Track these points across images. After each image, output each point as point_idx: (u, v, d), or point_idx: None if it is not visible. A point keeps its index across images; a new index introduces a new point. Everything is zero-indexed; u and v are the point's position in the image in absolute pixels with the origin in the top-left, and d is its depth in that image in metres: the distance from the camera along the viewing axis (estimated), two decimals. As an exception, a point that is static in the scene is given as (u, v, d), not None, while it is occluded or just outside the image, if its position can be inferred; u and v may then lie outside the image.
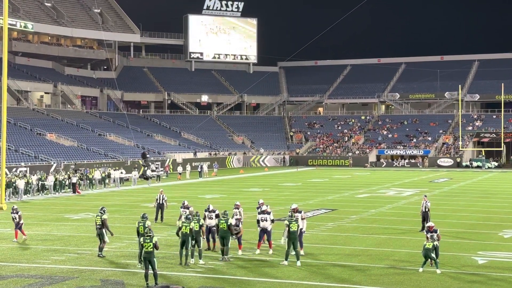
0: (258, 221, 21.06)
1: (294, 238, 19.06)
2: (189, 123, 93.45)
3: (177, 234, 19.62)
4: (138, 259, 18.28)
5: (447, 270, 18.18)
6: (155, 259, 16.83)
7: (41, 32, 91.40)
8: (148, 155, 65.13)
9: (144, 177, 47.43)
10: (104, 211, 20.48)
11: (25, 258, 20.49)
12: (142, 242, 16.98)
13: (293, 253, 19.26)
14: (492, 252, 21.27)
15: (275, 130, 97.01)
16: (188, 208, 23.38)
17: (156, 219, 28.44)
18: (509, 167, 77.92)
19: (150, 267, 16.64)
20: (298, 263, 18.98)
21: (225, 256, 19.75)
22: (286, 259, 19.16)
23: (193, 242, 19.36)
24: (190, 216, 19.93)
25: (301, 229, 20.29)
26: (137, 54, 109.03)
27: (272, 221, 21.19)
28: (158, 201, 28.65)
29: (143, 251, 16.92)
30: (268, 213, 21.01)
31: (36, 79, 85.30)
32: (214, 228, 21.39)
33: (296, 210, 20.71)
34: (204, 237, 20.90)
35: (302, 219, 20.80)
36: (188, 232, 19.12)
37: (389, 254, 20.93)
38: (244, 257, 20.05)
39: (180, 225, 19.43)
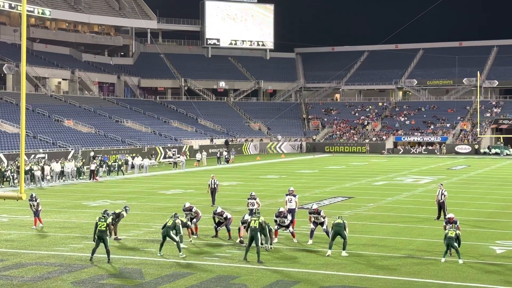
0: (275, 221, 21.05)
1: (339, 230, 18.85)
2: (205, 110, 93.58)
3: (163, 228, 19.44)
4: (93, 238, 18.63)
5: (465, 259, 18.08)
6: (107, 237, 18.21)
7: (58, 18, 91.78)
8: (230, 142, 76.51)
9: (226, 160, 61.81)
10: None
11: (44, 246, 20.67)
12: (97, 221, 18.36)
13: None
14: (510, 241, 21.12)
15: (292, 116, 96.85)
16: (190, 209, 22.36)
17: (213, 202, 29.67)
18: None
19: (103, 244, 18.14)
20: (343, 253, 18.80)
21: (267, 245, 19.61)
22: (330, 248, 18.95)
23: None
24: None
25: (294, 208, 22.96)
26: (154, 40, 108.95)
27: (291, 221, 21.18)
28: (210, 186, 30.03)
29: (97, 229, 18.27)
30: (285, 216, 20.94)
31: (53, 65, 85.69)
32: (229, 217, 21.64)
33: (316, 211, 20.74)
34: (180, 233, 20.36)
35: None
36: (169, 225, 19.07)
37: (407, 243, 20.86)
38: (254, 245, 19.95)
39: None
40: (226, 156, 63.14)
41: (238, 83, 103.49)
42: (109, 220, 18.68)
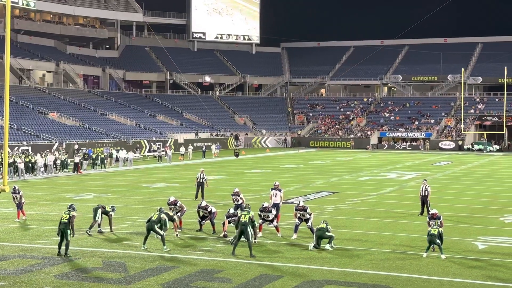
0: (260, 215, 21.06)
1: (321, 234, 19.08)
2: (191, 103, 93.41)
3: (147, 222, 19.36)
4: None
5: (448, 254, 18.22)
6: (68, 231, 17.94)
7: (43, 10, 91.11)
8: (240, 137, 79.41)
9: (236, 154, 62.78)
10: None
11: (27, 239, 20.57)
12: (62, 214, 18.45)
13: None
14: (492, 237, 21.31)
15: (277, 111, 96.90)
16: (175, 204, 22.31)
17: (196, 196, 29.58)
18: (511, 150, 77.86)
19: (64, 237, 17.99)
20: (327, 246, 18.97)
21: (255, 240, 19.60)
22: (313, 244, 19.16)
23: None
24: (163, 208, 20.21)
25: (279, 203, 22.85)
26: (139, 33, 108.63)
27: (275, 215, 21.22)
28: (198, 180, 29.87)
29: (60, 222, 18.20)
30: (269, 211, 20.96)
31: (38, 57, 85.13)
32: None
33: (302, 208, 20.79)
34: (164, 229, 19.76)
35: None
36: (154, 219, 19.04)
37: (390, 238, 20.98)
38: (242, 240, 19.97)
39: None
40: (236, 151, 64.72)
41: (223, 77, 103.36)
42: (73, 213, 18.38)
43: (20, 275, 15.88)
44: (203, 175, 29.89)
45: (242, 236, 18.32)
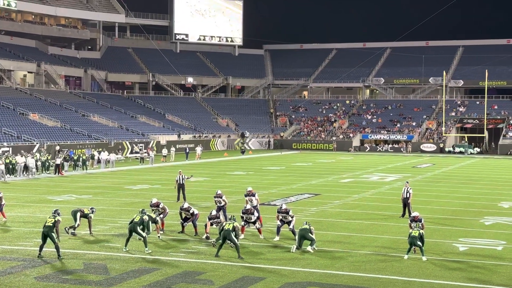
0: (242, 217, 21.07)
1: (303, 234, 19.10)
2: (173, 105, 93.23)
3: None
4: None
5: (429, 256, 18.32)
6: (53, 234, 17.82)
7: (24, 10, 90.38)
8: (246, 135, 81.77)
9: (242, 151, 65.41)
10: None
11: (7, 240, 20.40)
12: (47, 218, 18.38)
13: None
14: (473, 239, 21.45)
15: (260, 113, 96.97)
16: (158, 205, 22.08)
17: (178, 198, 29.48)
18: (491, 153, 78.51)
19: (49, 241, 17.88)
20: (308, 248, 18.98)
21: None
22: (296, 246, 19.19)
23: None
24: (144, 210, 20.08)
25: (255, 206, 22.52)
26: (121, 34, 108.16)
27: (258, 217, 21.23)
28: (178, 182, 29.85)
29: (44, 225, 18.10)
30: (252, 213, 20.96)
31: (19, 58, 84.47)
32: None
33: (285, 211, 20.76)
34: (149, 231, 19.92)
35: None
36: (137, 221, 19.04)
37: (372, 240, 21.05)
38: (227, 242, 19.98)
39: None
40: (242, 148, 65.32)
41: (206, 79, 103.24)
42: (58, 218, 18.27)
43: (0, 277, 15.74)
44: (182, 176, 29.92)
45: (227, 240, 18.32)
